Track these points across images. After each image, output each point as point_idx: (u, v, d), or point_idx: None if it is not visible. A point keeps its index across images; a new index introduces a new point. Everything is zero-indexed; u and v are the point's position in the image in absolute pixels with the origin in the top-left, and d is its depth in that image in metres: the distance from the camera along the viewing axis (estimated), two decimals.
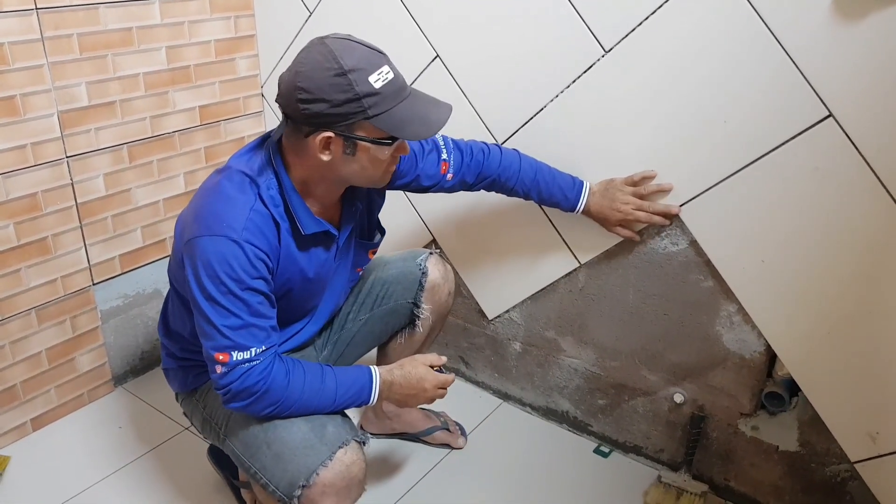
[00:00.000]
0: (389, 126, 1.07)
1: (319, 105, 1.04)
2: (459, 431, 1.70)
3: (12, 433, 1.68)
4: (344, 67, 1.03)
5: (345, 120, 1.05)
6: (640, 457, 1.67)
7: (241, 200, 1.10)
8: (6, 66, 1.45)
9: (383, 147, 1.10)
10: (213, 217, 1.09)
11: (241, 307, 1.08)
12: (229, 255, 1.06)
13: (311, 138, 1.08)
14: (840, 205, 1.22)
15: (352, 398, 1.17)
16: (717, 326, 1.43)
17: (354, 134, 1.07)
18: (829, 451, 1.40)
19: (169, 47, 1.72)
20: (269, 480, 1.14)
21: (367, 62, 1.04)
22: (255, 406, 1.11)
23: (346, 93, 1.03)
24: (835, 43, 1.14)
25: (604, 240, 1.51)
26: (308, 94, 1.04)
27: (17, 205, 1.55)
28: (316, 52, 1.05)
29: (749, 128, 1.26)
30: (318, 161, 1.10)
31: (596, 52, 1.38)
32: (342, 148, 1.08)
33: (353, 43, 1.07)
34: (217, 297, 1.06)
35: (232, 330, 1.07)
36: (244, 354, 1.08)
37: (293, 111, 1.07)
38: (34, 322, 1.65)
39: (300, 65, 1.06)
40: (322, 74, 1.03)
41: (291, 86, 1.05)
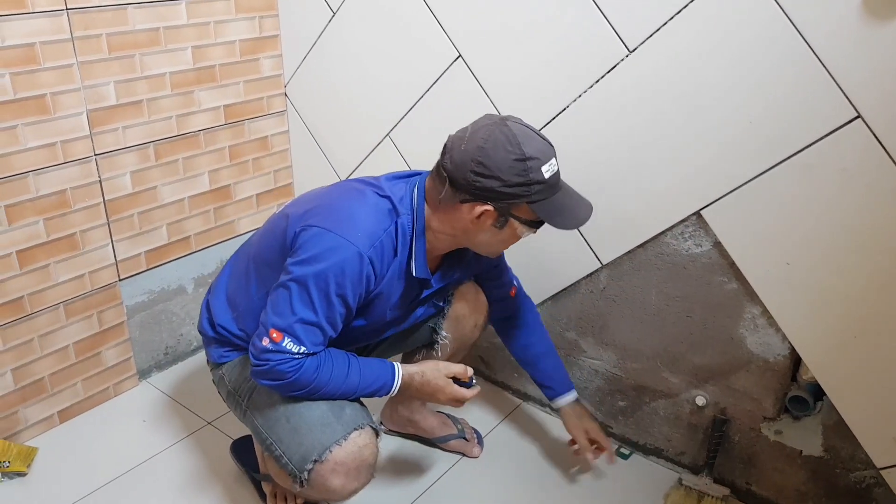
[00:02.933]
0: (545, 213, 1.15)
1: (492, 181, 1.10)
2: (476, 440, 1.69)
3: (40, 425, 1.72)
4: (525, 154, 1.09)
5: (509, 199, 1.12)
6: (661, 459, 1.66)
7: (380, 219, 1.16)
8: (37, 66, 1.48)
9: (530, 228, 1.17)
10: (350, 220, 1.13)
11: (324, 309, 1.12)
12: (346, 262, 1.11)
13: (466, 205, 1.14)
14: (868, 206, 1.20)
15: (372, 392, 1.22)
16: (741, 329, 1.42)
17: (511, 213, 1.14)
18: (854, 456, 1.38)
19: (195, 47, 1.74)
20: (284, 452, 1.19)
21: (542, 153, 1.12)
22: (280, 388, 1.16)
23: (521, 177, 1.10)
24: (864, 43, 1.12)
25: (626, 240, 1.50)
26: (485, 169, 1.10)
27: (47, 201, 1.58)
28: (499, 132, 1.11)
29: (775, 128, 1.25)
30: (462, 225, 1.17)
31: (620, 52, 1.37)
32: (493, 221, 1.15)
33: (532, 132, 1.13)
34: (312, 288, 1.11)
35: (301, 322, 1.12)
36: (294, 347, 1.12)
37: (461, 178, 1.12)
38: (62, 316, 1.68)
39: (483, 141, 1.11)
40: (504, 156, 1.09)
41: (469, 157, 1.11)
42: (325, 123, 1.95)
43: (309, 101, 1.96)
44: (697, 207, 1.38)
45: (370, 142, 1.85)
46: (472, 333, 1.50)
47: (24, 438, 1.69)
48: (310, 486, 1.17)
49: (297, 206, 1.23)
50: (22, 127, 1.49)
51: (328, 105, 1.91)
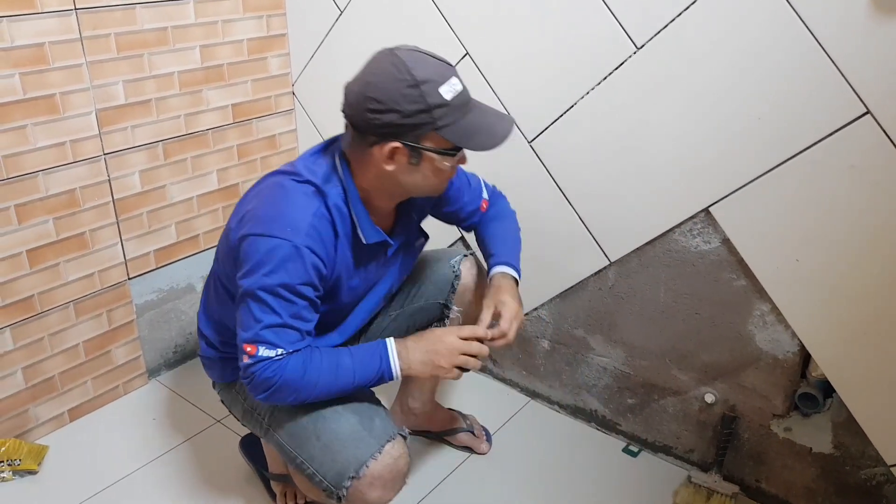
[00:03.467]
0: (457, 137, 1.08)
1: (390, 116, 1.05)
2: (485, 437, 1.69)
3: (50, 423, 1.73)
4: (417, 79, 1.04)
5: (414, 130, 1.07)
6: (670, 457, 1.65)
7: (305, 205, 1.12)
8: (46, 66, 1.49)
9: (447, 157, 1.11)
10: (276, 218, 1.11)
11: (284, 307, 1.09)
12: (286, 258, 1.08)
13: (376, 148, 1.09)
14: (877, 203, 1.20)
15: (373, 371, 1.15)
16: (750, 326, 1.42)
17: (421, 144, 1.08)
18: (864, 453, 1.37)
19: (203, 46, 1.74)
20: (317, 471, 1.16)
21: (437, 74, 1.06)
22: (276, 396, 1.12)
23: (418, 104, 1.04)
24: (872, 38, 1.12)
25: (635, 238, 1.50)
26: (379, 104, 1.05)
27: (57, 201, 1.58)
28: (387, 62, 1.06)
29: (784, 125, 1.24)
30: (382, 171, 1.12)
31: (628, 48, 1.37)
32: (407, 158, 1.10)
33: (423, 55, 1.08)
34: (264, 294, 1.08)
35: (267, 328, 1.09)
36: (269, 352, 1.09)
37: (361, 121, 1.08)
38: (72, 315, 1.69)
39: (371, 75, 1.07)
40: (394, 85, 1.04)
41: (361, 96, 1.06)
42: (332, 122, 1.95)
43: (317, 100, 1.96)
44: (706, 204, 1.38)
45: None
46: (477, 304, 1.44)
47: (34, 437, 1.70)
48: (346, 500, 1.15)
49: (234, 216, 1.20)
50: (31, 127, 1.50)
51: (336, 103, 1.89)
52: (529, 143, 1.58)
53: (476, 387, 1.89)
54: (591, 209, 1.55)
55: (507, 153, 1.60)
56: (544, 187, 1.58)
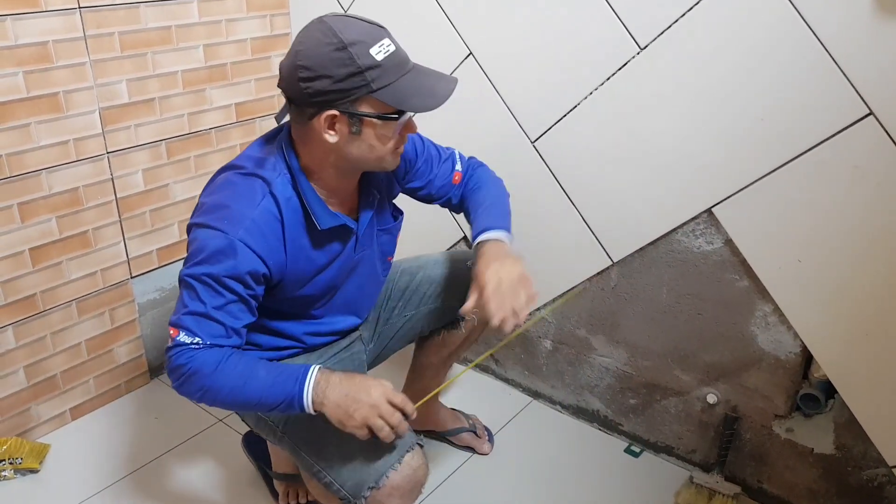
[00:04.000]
0: (394, 99, 1.04)
1: (322, 82, 1.01)
2: (487, 437, 1.68)
3: (52, 422, 1.73)
4: (344, 41, 1.00)
5: (348, 96, 1.03)
6: (672, 457, 1.66)
7: (249, 199, 1.09)
8: (50, 64, 1.49)
9: (390, 123, 1.07)
10: (215, 210, 1.08)
11: (210, 297, 1.06)
12: (218, 250, 1.05)
13: (315, 119, 1.05)
14: (880, 203, 1.20)
15: (284, 394, 1.07)
16: (752, 326, 1.42)
17: (359, 110, 1.04)
18: (865, 454, 1.38)
19: (206, 45, 1.75)
20: (335, 479, 1.14)
21: (367, 35, 1.03)
22: (186, 388, 1.08)
23: (348, 67, 1.01)
24: (875, 39, 1.12)
25: (637, 238, 1.50)
26: (309, 71, 1.01)
27: (60, 199, 1.59)
28: (314, 29, 1.04)
29: (787, 126, 1.25)
30: (326, 144, 1.07)
31: (631, 49, 1.37)
32: (348, 126, 1.06)
33: (352, 18, 1.05)
34: (192, 281, 1.06)
35: (191, 314, 1.06)
36: (187, 338, 1.06)
37: (295, 93, 1.05)
38: (74, 314, 1.69)
39: (299, 44, 1.04)
40: (322, 50, 1.01)
41: (292, 66, 1.03)
42: None
43: None
44: (709, 205, 1.38)
45: None
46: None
47: (36, 435, 1.70)
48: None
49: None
50: (35, 125, 1.50)
51: None
52: (532, 144, 1.58)
53: (478, 387, 1.89)
54: (594, 209, 1.55)
55: (510, 153, 1.61)
56: (547, 187, 1.58)
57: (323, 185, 1.15)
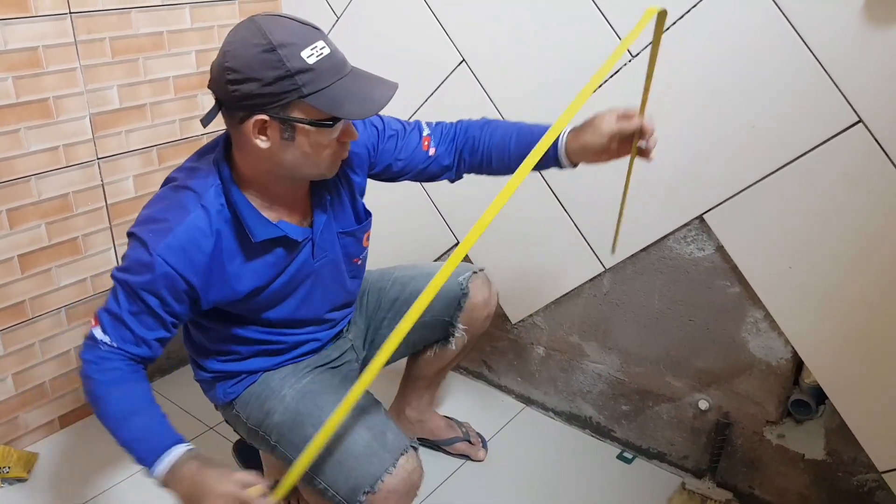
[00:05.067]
0: (326, 105, 0.98)
1: (249, 85, 0.96)
2: (481, 443, 1.68)
3: (40, 430, 1.71)
4: (273, 43, 0.95)
5: (278, 100, 0.97)
6: (664, 463, 1.66)
7: (175, 212, 1.06)
8: (40, 70, 1.48)
9: (324, 130, 1.02)
10: (146, 223, 1.07)
11: (126, 302, 1.06)
12: (137, 260, 1.05)
13: (245, 124, 1.00)
14: (869, 211, 1.21)
15: (142, 452, 1.07)
16: (744, 333, 1.42)
17: (290, 116, 0.99)
18: (856, 459, 1.38)
19: (198, 51, 1.74)
20: (329, 486, 1.13)
21: (298, 37, 0.97)
22: (82, 382, 1.10)
23: (277, 69, 0.95)
24: (865, 48, 1.13)
25: (629, 245, 1.50)
26: (236, 73, 0.96)
27: (49, 205, 1.57)
28: (243, 29, 0.99)
29: (777, 133, 1.26)
30: (259, 150, 1.02)
31: (623, 56, 1.37)
32: (279, 132, 1.00)
33: (284, 19, 1.00)
34: (116, 283, 1.07)
35: (108, 312, 1.08)
36: (101, 336, 1.07)
37: (224, 94, 1.00)
38: (63, 321, 1.67)
39: (227, 44, 0.99)
40: (250, 51, 0.96)
41: (220, 67, 0.99)
42: None
43: None
44: (700, 212, 1.39)
45: None
46: (483, 325, 1.47)
47: (24, 444, 1.68)
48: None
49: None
50: (25, 130, 1.49)
51: None
52: None
53: (471, 393, 1.89)
54: (586, 216, 1.55)
55: None
56: (539, 194, 1.59)
57: (261, 193, 1.10)
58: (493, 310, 1.48)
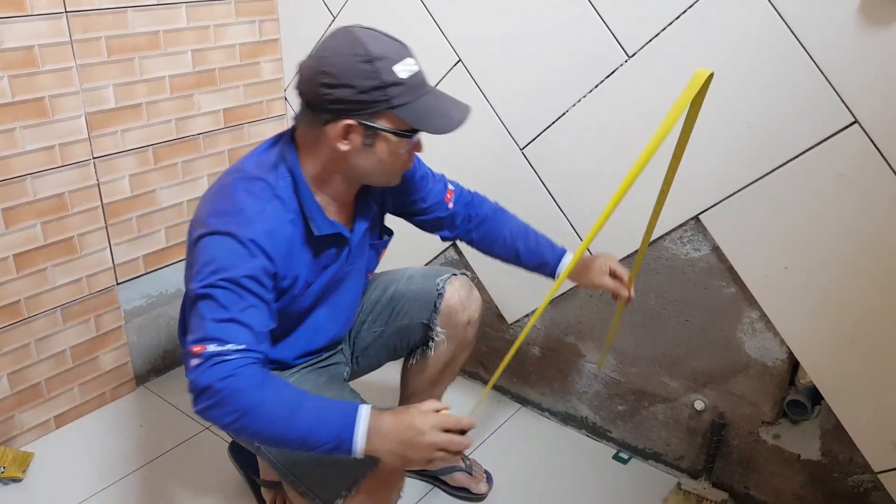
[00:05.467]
0: (412, 118, 1.05)
1: (344, 91, 1.02)
2: (484, 478, 1.58)
3: (36, 430, 1.71)
4: (371, 55, 1.01)
5: (368, 108, 1.03)
6: (660, 464, 1.66)
7: (254, 202, 1.07)
8: (36, 69, 1.48)
9: (403, 140, 1.08)
10: (223, 217, 1.05)
11: (233, 301, 1.00)
12: (232, 253, 1.02)
13: (329, 126, 1.05)
14: (865, 211, 1.21)
15: (331, 434, 0.97)
16: (739, 333, 1.42)
17: (376, 124, 1.05)
18: (851, 460, 1.38)
19: (194, 51, 1.74)
20: (309, 488, 1.13)
21: (392, 52, 1.04)
22: (218, 410, 0.96)
23: (372, 80, 1.01)
24: (861, 49, 1.13)
25: (625, 245, 1.50)
26: (333, 78, 1.02)
27: (45, 204, 1.57)
28: (341, 38, 1.04)
29: (773, 134, 1.26)
30: (336, 152, 1.07)
31: (619, 57, 1.38)
32: (362, 138, 1.06)
33: (378, 33, 1.06)
34: (210, 290, 1.00)
35: (216, 322, 0.99)
36: (219, 348, 0.97)
37: (315, 97, 1.05)
38: (59, 320, 1.67)
39: (325, 50, 1.04)
40: (348, 60, 1.01)
41: (315, 70, 1.03)
42: None
43: None
44: (696, 212, 1.39)
45: None
46: (465, 331, 1.42)
47: (19, 443, 1.68)
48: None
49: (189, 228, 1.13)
50: (20, 130, 1.49)
51: None
52: (521, 150, 1.58)
53: (466, 394, 1.88)
54: (583, 216, 1.55)
55: (499, 160, 1.61)
56: (536, 194, 1.59)
57: (322, 191, 1.14)
58: (475, 316, 1.43)
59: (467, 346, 1.46)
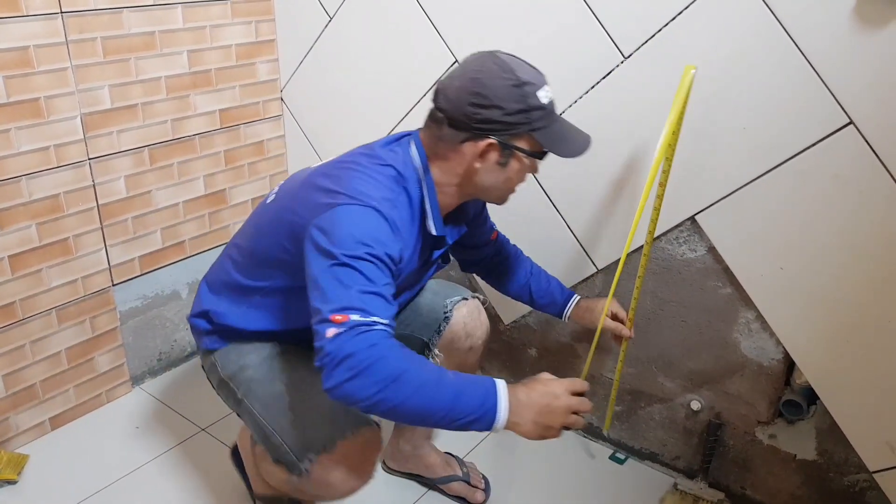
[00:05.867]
0: (547, 141, 1.11)
1: (493, 111, 1.07)
2: (483, 487, 1.57)
3: (31, 432, 1.70)
4: (520, 79, 1.07)
5: (511, 129, 1.09)
6: (657, 464, 1.66)
7: (390, 186, 1.10)
8: (31, 69, 1.47)
9: (535, 161, 1.14)
10: (363, 190, 1.07)
11: (377, 276, 1.00)
12: (380, 230, 1.04)
13: (469, 144, 1.10)
14: (860, 212, 1.21)
15: (472, 408, 0.96)
16: (735, 333, 1.43)
17: (515, 144, 1.10)
18: (847, 460, 1.39)
19: (190, 51, 1.74)
20: (284, 441, 1.14)
21: (536, 79, 1.09)
22: (360, 380, 0.93)
23: (521, 103, 1.07)
24: (855, 50, 1.14)
25: (621, 245, 1.51)
26: (484, 99, 1.07)
27: (40, 206, 1.57)
28: (490, 62, 1.09)
29: (768, 135, 1.26)
30: (466, 167, 1.13)
31: (615, 57, 1.38)
32: (498, 157, 1.11)
33: (521, 61, 1.11)
34: (356, 263, 0.99)
35: (361, 293, 0.97)
36: (364, 318, 0.96)
37: (460, 115, 1.09)
38: (54, 322, 1.67)
39: (475, 72, 1.08)
40: (500, 83, 1.07)
41: (464, 90, 1.08)
42: (321, 128, 1.95)
43: (305, 106, 1.96)
44: (692, 213, 1.39)
45: None
46: (466, 357, 1.43)
47: (14, 445, 1.67)
48: (308, 479, 1.11)
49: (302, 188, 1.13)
50: (15, 130, 1.48)
51: (324, 109, 1.91)
52: None
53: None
54: (579, 217, 1.56)
55: None
56: (532, 195, 1.59)
57: (441, 196, 1.18)
58: (479, 343, 1.44)
59: (467, 369, 1.47)
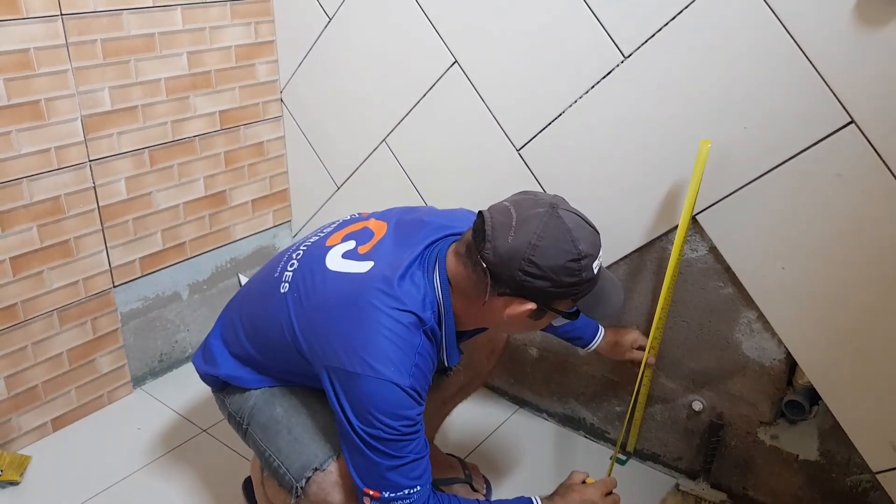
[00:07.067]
0: (585, 306, 1.07)
1: (543, 282, 1.01)
2: (485, 489, 1.57)
3: (33, 433, 1.70)
4: (581, 253, 1.01)
5: (557, 298, 1.04)
6: (658, 465, 1.66)
7: (409, 340, 1.05)
8: (31, 72, 1.47)
9: (566, 319, 1.10)
10: (379, 357, 1.03)
11: (400, 448, 1.04)
12: (396, 403, 1.02)
13: (504, 298, 1.04)
14: (862, 211, 1.21)
15: None
16: (737, 333, 1.42)
17: (555, 307, 1.06)
18: (849, 460, 1.38)
19: (190, 53, 1.74)
20: (282, 462, 1.15)
21: (594, 248, 1.03)
22: None
23: (573, 277, 1.01)
24: (857, 49, 1.13)
25: (622, 245, 1.50)
26: (538, 269, 1.00)
27: (41, 208, 1.57)
28: (553, 227, 1.01)
29: (770, 134, 1.25)
30: (496, 313, 1.07)
31: (615, 57, 1.38)
32: (532, 313, 1.06)
33: (583, 222, 1.04)
34: (377, 444, 1.02)
35: (389, 470, 1.03)
36: (396, 493, 1.04)
37: (507, 275, 1.02)
38: (56, 323, 1.67)
39: (538, 238, 1.00)
40: (559, 255, 1.00)
41: (519, 255, 1.00)
42: (320, 129, 1.95)
43: (305, 107, 1.96)
44: (693, 212, 1.39)
45: (366, 147, 1.85)
46: (485, 364, 1.45)
47: (17, 447, 1.68)
48: (306, 500, 1.11)
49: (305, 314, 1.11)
50: (16, 133, 1.48)
51: (324, 110, 1.91)
52: (518, 151, 1.58)
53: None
54: None
55: (496, 161, 1.61)
56: None
57: (458, 326, 1.14)
58: (499, 348, 1.46)
59: (486, 376, 1.49)
